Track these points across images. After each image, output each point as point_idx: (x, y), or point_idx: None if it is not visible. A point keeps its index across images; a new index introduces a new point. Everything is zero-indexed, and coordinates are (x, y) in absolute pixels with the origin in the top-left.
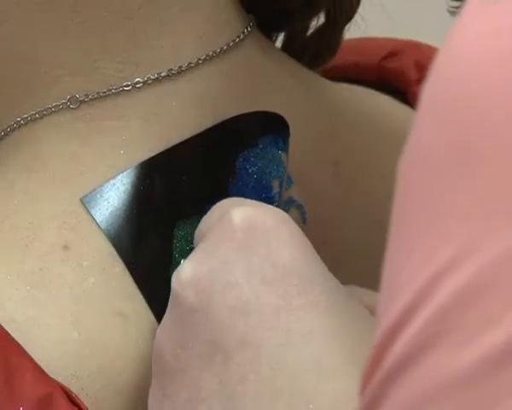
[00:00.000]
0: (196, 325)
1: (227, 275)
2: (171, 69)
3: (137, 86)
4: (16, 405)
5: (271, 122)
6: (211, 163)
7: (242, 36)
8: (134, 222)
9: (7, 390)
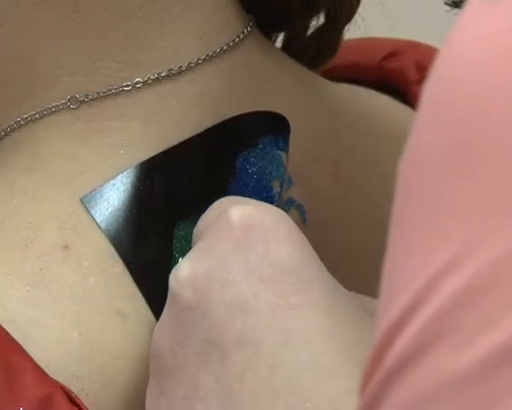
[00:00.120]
0: (194, 323)
1: (225, 273)
2: (171, 69)
3: (137, 86)
4: (16, 405)
5: (272, 122)
6: (211, 163)
7: (242, 36)
8: (134, 222)
9: (7, 391)
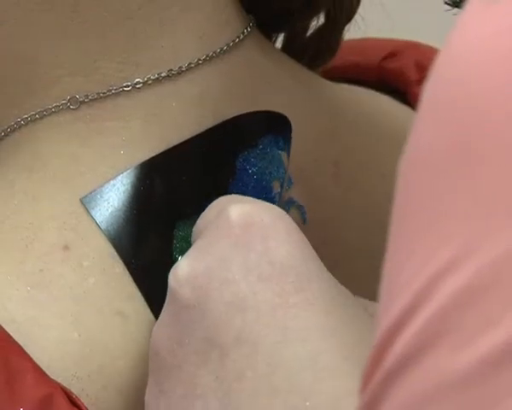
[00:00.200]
0: (193, 322)
1: (224, 272)
2: (171, 69)
3: (137, 87)
4: (17, 406)
5: (272, 122)
6: (211, 164)
7: (242, 36)
8: (134, 222)
9: (7, 391)
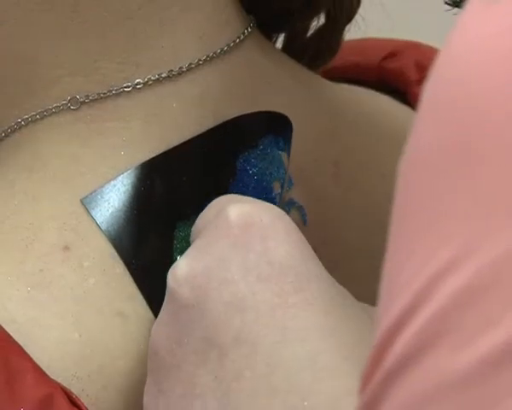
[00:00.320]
0: (192, 322)
1: (223, 272)
2: (171, 70)
3: (138, 87)
4: (17, 406)
5: (273, 122)
6: (211, 164)
7: (243, 36)
8: (134, 223)
9: (7, 392)
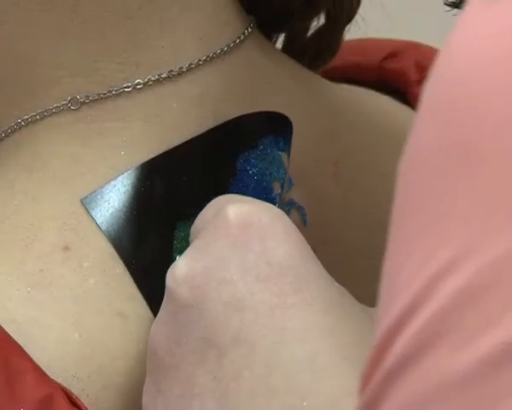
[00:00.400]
0: (191, 322)
1: (222, 272)
2: (171, 70)
3: (138, 87)
4: (17, 406)
5: (273, 122)
6: (211, 164)
7: (243, 37)
8: (134, 223)
9: (7, 392)
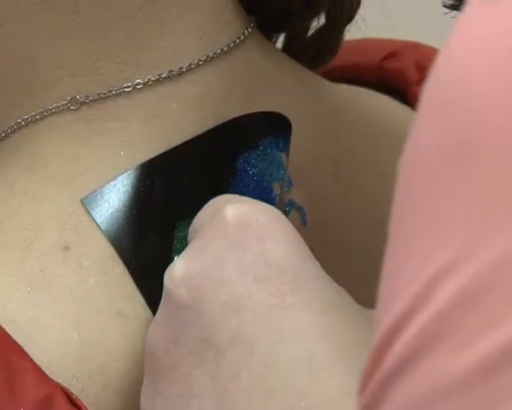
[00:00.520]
0: (188, 322)
1: (220, 272)
2: (171, 70)
3: (138, 87)
4: (17, 406)
5: (273, 123)
6: (211, 164)
7: (243, 37)
8: (134, 223)
9: (7, 392)
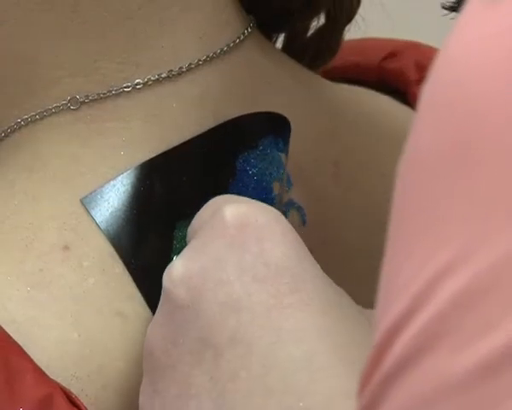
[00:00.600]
0: (187, 322)
1: (219, 272)
2: (171, 70)
3: (138, 87)
4: (16, 406)
5: (273, 123)
6: (211, 164)
7: (243, 37)
8: (134, 223)
9: (7, 391)
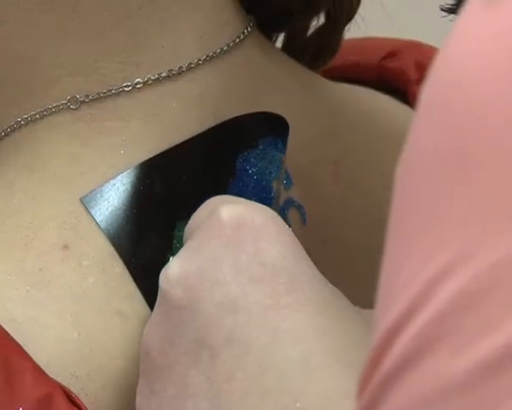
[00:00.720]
0: (184, 322)
1: (215, 273)
2: (171, 69)
3: (138, 87)
4: (16, 405)
5: (272, 123)
6: (211, 163)
7: (242, 36)
8: (134, 222)
9: (7, 391)
